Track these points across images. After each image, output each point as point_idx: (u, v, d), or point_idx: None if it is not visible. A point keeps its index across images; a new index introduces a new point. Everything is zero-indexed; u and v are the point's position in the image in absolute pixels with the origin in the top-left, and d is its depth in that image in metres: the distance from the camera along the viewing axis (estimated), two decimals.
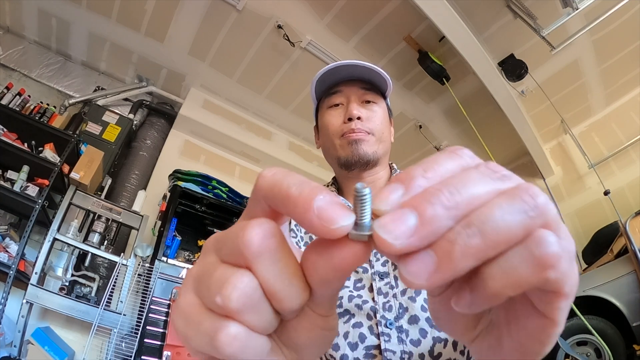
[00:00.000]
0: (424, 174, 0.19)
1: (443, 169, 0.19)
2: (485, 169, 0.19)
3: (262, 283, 0.18)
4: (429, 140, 3.77)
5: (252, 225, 0.19)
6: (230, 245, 0.19)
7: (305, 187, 0.19)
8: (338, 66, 0.75)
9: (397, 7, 2.70)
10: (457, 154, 0.20)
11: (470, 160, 0.20)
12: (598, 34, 2.99)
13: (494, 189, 0.18)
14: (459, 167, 0.19)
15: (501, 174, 0.19)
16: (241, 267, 0.19)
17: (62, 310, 2.19)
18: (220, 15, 2.89)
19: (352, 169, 0.75)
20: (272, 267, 0.19)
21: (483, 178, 0.18)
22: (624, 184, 3.46)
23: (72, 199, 2.42)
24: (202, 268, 0.21)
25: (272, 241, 0.19)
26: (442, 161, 0.19)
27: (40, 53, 3.20)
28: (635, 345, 2.38)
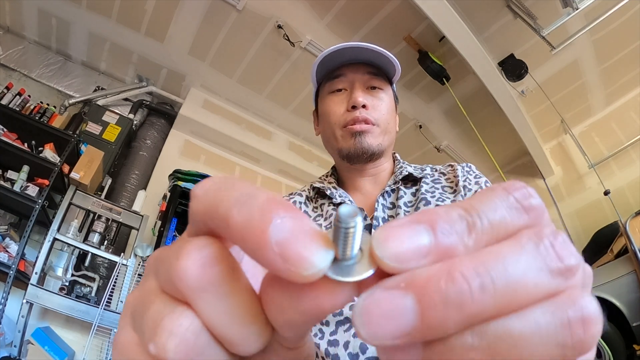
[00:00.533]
0: (463, 228, 0.13)
1: (492, 226, 0.14)
2: (550, 251, 0.13)
3: (207, 324, 0.14)
4: (429, 140, 3.77)
5: (187, 251, 0.14)
6: (165, 270, 0.15)
7: (252, 206, 0.13)
8: (342, 48, 0.68)
9: (397, 7, 2.70)
10: (523, 206, 0.14)
11: (535, 221, 0.14)
12: (598, 34, 2.99)
13: (544, 292, 0.13)
14: (514, 230, 0.14)
15: (565, 265, 0.13)
16: (181, 302, 0.14)
17: (62, 310, 2.19)
18: (220, 15, 2.89)
19: (354, 162, 0.70)
20: (217, 305, 0.14)
21: (540, 276, 0.13)
22: (624, 184, 3.46)
23: (72, 199, 2.41)
24: (139, 297, 0.16)
25: (216, 271, 0.14)
26: (497, 213, 0.14)
27: (40, 53, 3.20)
28: (635, 345, 2.38)
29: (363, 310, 0.13)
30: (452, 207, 0.14)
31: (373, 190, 0.72)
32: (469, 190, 0.66)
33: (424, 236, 0.13)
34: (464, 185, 0.66)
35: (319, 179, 0.78)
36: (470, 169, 0.71)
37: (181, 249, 0.15)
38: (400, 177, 0.70)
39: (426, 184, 0.68)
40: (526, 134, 3.43)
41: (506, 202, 0.14)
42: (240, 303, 0.14)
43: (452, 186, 0.68)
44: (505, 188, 0.15)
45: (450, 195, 0.66)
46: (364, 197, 0.72)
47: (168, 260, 0.15)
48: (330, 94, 0.73)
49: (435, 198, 0.65)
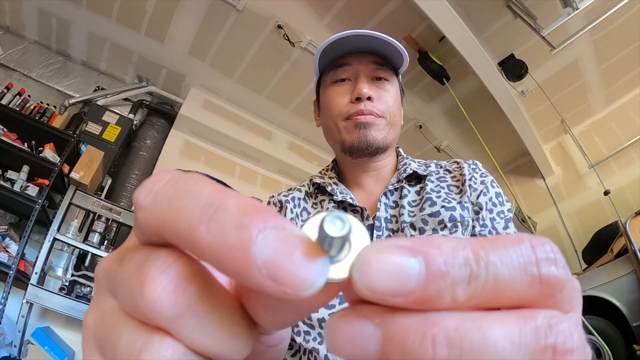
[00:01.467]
0: (463, 277, 0.12)
1: (496, 280, 0.12)
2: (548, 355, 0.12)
3: (190, 347, 0.13)
4: (429, 140, 3.77)
5: (152, 274, 0.12)
6: (128, 295, 0.13)
7: (223, 221, 0.11)
8: (347, 35, 0.64)
9: (397, 7, 2.70)
10: (541, 274, 0.12)
11: (547, 297, 0.13)
12: (598, 34, 2.99)
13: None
14: (527, 287, 0.12)
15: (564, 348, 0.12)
16: (154, 328, 0.13)
17: (62, 310, 2.19)
18: (220, 15, 2.88)
19: (357, 155, 0.67)
20: (199, 326, 0.12)
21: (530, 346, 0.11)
22: (624, 184, 3.46)
23: (72, 199, 2.41)
24: (101, 321, 0.14)
25: (191, 292, 0.12)
26: (509, 272, 0.12)
27: (40, 53, 3.20)
28: (635, 345, 2.38)
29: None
30: (462, 245, 0.12)
31: (375, 187, 0.70)
32: (474, 190, 0.64)
33: (413, 274, 0.11)
34: (470, 184, 0.64)
35: (319, 174, 0.76)
36: (476, 166, 0.68)
37: (143, 272, 0.12)
38: (405, 176, 0.67)
39: (431, 182, 0.66)
40: (526, 134, 3.43)
41: (525, 262, 0.12)
42: (224, 317, 0.13)
43: (459, 185, 0.66)
44: (533, 245, 0.12)
45: (457, 195, 0.64)
46: (366, 194, 0.70)
47: (128, 284, 0.13)
48: (333, 83, 0.69)
49: (441, 199, 0.62)
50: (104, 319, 0.14)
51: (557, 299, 0.13)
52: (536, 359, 0.11)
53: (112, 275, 0.14)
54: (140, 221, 0.13)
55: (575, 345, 0.12)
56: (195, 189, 0.12)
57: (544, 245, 0.13)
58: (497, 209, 0.63)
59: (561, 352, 0.12)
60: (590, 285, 2.57)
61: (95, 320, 0.14)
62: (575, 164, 3.82)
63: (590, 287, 2.55)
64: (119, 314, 0.14)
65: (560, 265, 0.12)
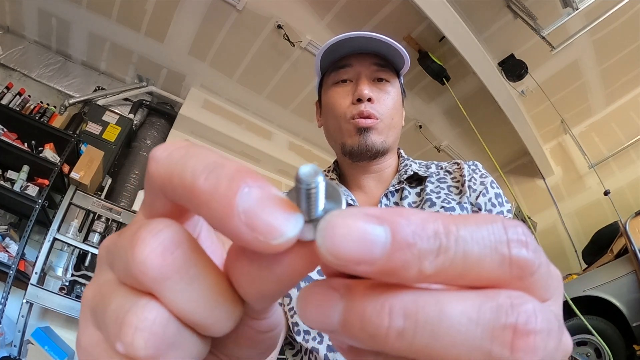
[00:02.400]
0: (431, 249, 0.11)
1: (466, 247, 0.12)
2: (507, 336, 0.11)
3: (175, 313, 0.13)
4: (429, 140, 3.77)
5: (143, 238, 0.13)
6: (122, 262, 0.14)
7: (220, 174, 0.13)
8: (349, 37, 0.64)
9: (397, 7, 2.70)
10: (511, 256, 0.12)
11: (517, 280, 0.12)
12: (598, 34, 2.99)
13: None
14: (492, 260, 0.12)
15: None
16: (143, 292, 0.13)
17: (62, 310, 2.19)
18: (220, 15, 2.88)
19: (357, 159, 0.68)
20: (184, 292, 0.13)
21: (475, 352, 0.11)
22: (624, 184, 3.46)
23: (72, 198, 2.41)
24: (97, 291, 0.15)
25: (177, 257, 0.13)
26: (479, 249, 0.12)
27: (40, 53, 3.20)
28: (635, 345, 2.38)
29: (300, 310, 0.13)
30: (432, 218, 0.12)
31: (376, 189, 0.70)
32: (473, 190, 0.64)
33: (378, 242, 0.11)
34: (469, 185, 0.65)
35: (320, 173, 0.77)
36: (476, 167, 0.69)
37: (136, 236, 0.13)
38: (405, 177, 0.68)
39: (431, 183, 0.66)
40: (526, 134, 3.43)
41: (496, 241, 0.12)
42: (208, 285, 0.14)
43: (458, 186, 0.66)
44: (505, 226, 0.12)
45: (456, 196, 0.64)
46: (367, 196, 0.70)
47: (123, 250, 0.14)
48: (334, 85, 0.70)
49: (441, 199, 0.63)
50: (100, 290, 0.15)
51: (529, 283, 0.12)
52: (495, 338, 0.11)
53: (112, 248, 0.15)
54: (152, 172, 0.14)
55: (539, 327, 0.11)
56: (203, 152, 0.14)
57: (516, 227, 0.12)
58: (497, 209, 0.63)
59: (522, 333, 0.11)
60: (590, 285, 2.57)
61: (93, 293, 0.15)
62: (575, 164, 3.82)
63: (590, 287, 2.55)
64: (113, 283, 0.15)
65: (531, 248, 0.12)
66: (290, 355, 0.65)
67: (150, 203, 0.16)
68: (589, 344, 2.43)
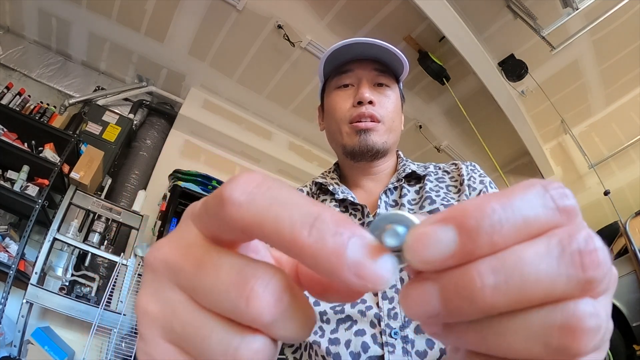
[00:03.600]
0: (494, 223, 0.14)
1: (518, 226, 0.14)
2: (576, 259, 0.14)
3: (275, 338, 0.16)
4: (429, 140, 3.77)
5: (256, 294, 0.15)
6: (225, 303, 0.15)
7: (323, 228, 0.14)
8: (351, 43, 0.67)
9: (397, 7, 2.70)
10: (558, 206, 0.14)
11: (568, 222, 0.15)
12: (598, 34, 2.99)
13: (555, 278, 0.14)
14: (541, 226, 0.14)
15: (587, 277, 0.14)
16: (245, 327, 0.15)
17: (62, 310, 2.19)
18: (220, 15, 2.88)
19: (358, 159, 0.70)
20: (287, 325, 0.16)
21: (559, 283, 0.13)
22: (624, 184, 3.46)
23: (72, 198, 2.41)
24: (170, 313, 0.16)
25: (285, 301, 0.15)
26: (532, 210, 0.14)
27: (40, 53, 3.20)
28: (635, 345, 2.38)
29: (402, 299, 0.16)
30: (487, 199, 0.14)
31: (375, 188, 0.72)
32: (473, 189, 0.66)
33: (450, 241, 0.14)
34: (469, 184, 0.67)
35: (321, 175, 0.78)
36: (474, 167, 0.71)
37: (247, 287, 0.15)
38: (404, 175, 0.70)
39: (430, 182, 0.68)
40: (526, 134, 3.43)
41: (542, 199, 0.14)
42: (303, 314, 0.16)
43: (457, 185, 0.68)
44: (544, 185, 0.15)
45: (455, 195, 0.66)
46: (367, 194, 0.72)
47: (226, 294, 0.15)
48: (337, 89, 0.72)
49: (440, 197, 0.65)
50: (176, 312, 0.16)
51: (578, 224, 0.15)
52: (567, 264, 0.13)
53: (184, 274, 0.16)
54: (232, 217, 0.15)
55: (598, 245, 0.14)
56: (292, 197, 0.15)
57: (552, 183, 0.15)
58: None
59: (585, 253, 0.13)
60: None
61: (162, 310, 0.16)
62: (575, 164, 3.82)
63: None
64: (196, 310, 0.16)
65: (569, 194, 0.15)
66: (290, 353, 0.65)
67: (216, 230, 0.16)
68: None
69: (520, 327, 0.14)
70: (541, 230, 0.14)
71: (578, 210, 0.15)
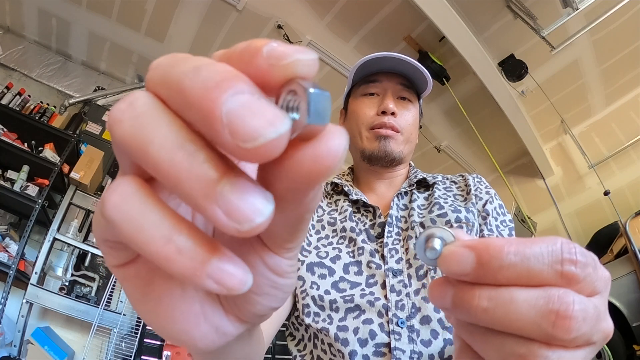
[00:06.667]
0: (503, 265, 0.19)
1: (529, 274, 0.19)
2: (551, 319, 0.18)
3: None
4: (429, 140, 3.77)
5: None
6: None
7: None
8: (383, 56, 0.73)
9: (397, 7, 2.70)
10: (563, 270, 0.19)
11: (569, 283, 0.19)
12: (598, 34, 2.99)
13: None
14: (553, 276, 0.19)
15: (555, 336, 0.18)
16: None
17: (62, 310, 2.19)
18: (220, 15, 2.88)
19: (374, 163, 0.74)
20: None
21: (534, 324, 0.19)
22: (624, 184, 3.46)
23: (72, 198, 2.42)
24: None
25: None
26: (538, 264, 0.19)
27: (40, 53, 3.20)
28: (635, 345, 2.38)
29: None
30: (509, 243, 0.19)
31: (386, 192, 0.77)
32: (479, 198, 0.71)
33: (469, 265, 0.19)
34: (475, 194, 0.72)
35: (337, 176, 0.82)
36: (480, 179, 0.77)
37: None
38: (415, 181, 0.75)
39: (439, 189, 0.73)
40: (526, 134, 3.43)
41: (552, 259, 0.18)
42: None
43: (464, 194, 0.73)
44: (562, 246, 0.19)
45: (462, 203, 0.71)
46: (379, 197, 0.76)
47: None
48: (362, 96, 0.77)
49: (448, 204, 0.69)
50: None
51: (577, 287, 0.19)
52: (544, 317, 0.18)
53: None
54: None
55: (574, 314, 0.18)
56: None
57: (570, 247, 0.19)
58: (501, 217, 0.70)
59: (562, 316, 0.18)
60: None
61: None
62: (575, 164, 3.81)
63: None
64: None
65: (579, 265, 0.19)
66: (293, 345, 0.67)
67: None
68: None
69: (495, 343, 0.19)
70: (542, 282, 0.18)
71: (581, 277, 0.18)
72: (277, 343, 2.56)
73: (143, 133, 0.13)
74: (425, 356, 0.55)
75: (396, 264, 0.62)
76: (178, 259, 0.13)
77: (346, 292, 0.60)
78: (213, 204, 0.12)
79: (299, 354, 0.65)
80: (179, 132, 0.13)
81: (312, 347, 0.63)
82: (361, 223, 0.69)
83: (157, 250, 0.13)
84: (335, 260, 0.64)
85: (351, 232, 0.67)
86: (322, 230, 0.71)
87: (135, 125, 0.13)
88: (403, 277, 0.61)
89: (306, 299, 0.62)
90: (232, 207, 0.12)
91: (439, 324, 0.56)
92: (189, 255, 0.13)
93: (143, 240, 0.14)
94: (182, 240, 0.14)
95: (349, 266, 0.64)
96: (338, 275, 0.63)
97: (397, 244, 0.64)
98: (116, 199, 0.14)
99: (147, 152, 0.13)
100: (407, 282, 0.60)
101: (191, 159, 0.13)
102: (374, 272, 0.62)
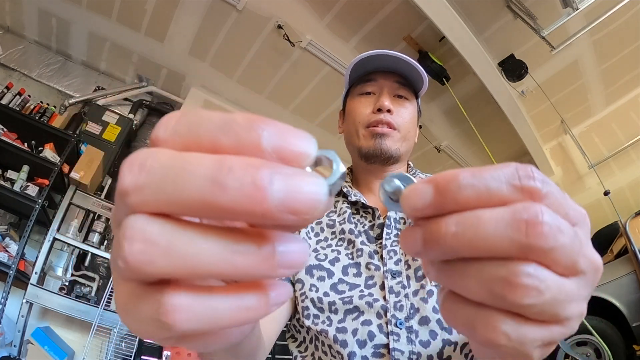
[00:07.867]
0: (463, 188, 0.18)
1: (489, 194, 0.18)
2: (521, 226, 0.17)
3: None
4: (429, 140, 3.77)
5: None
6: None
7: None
8: (379, 54, 0.73)
9: (397, 7, 2.70)
10: (522, 186, 0.18)
11: (531, 198, 0.18)
12: (598, 34, 2.99)
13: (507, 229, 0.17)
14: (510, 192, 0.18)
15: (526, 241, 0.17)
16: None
17: (62, 310, 2.19)
18: (220, 15, 2.88)
19: (372, 161, 0.74)
20: None
21: (504, 240, 0.17)
22: (624, 184, 3.46)
23: (72, 198, 2.42)
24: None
25: None
26: (496, 183, 0.18)
27: (40, 53, 3.20)
28: (635, 345, 2.38)
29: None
30: (464, 170, 0.18)
31: None
32: None
33: (428, 195, 0.18)
34: None
35: None
36: None
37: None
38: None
39: None
40: (526, 134, 3.43)
41: (509, 178, 0.18)
42: None
43: None
44: (517, 167, 0.18)
45: None
46: (376, 198, 0.76)
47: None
48: (359, 95, 0.77)
49: None
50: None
51: (545, 203, 0.17)
52: (514, 229, 0.17)
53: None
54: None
55: (545, 220, 0.16)
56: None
57: (525, 167, 0.18)
58: None
59: (532, 223, 0.16)
60: None
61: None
62: (575, 164, 3.81)
63: None
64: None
65: (537, 179, 0.18)
66: (294, 347, 0.67)
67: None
68: (589, 344, 2.43)
69: (474, 272, 0.18)
70: (505, 201, 0.17)
71: (543, 191, 0.18)
72: (277, 343, 2.56)
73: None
74: (424, 357, 0.55)
75: (395, 265, 0.62)
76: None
77: (345, 294, 0.60)
78: (277, 269, 0.15)
79: (300, 355, 0.65)
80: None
81: (314, 349, 0.63)
82: (360, 224, 0.69)
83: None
84: (334, 262, 0.64)
85: (350, 234, 0.67)
86: (321, 233, 0.71)
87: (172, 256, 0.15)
88: (402, 278, 0.61)
89: (305, 301, 0.62)
90: (288, 261, 0.16)
91: (437, 324, 0.56)
92: (252, 257, 0.15)
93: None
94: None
95: (348, 268, 0.64)
96: (337, 277, 0.63)
97: (395, 245, 0.64)
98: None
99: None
100: (406, 283, 0.60)
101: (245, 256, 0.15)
102: (372, 273, 0.62)
